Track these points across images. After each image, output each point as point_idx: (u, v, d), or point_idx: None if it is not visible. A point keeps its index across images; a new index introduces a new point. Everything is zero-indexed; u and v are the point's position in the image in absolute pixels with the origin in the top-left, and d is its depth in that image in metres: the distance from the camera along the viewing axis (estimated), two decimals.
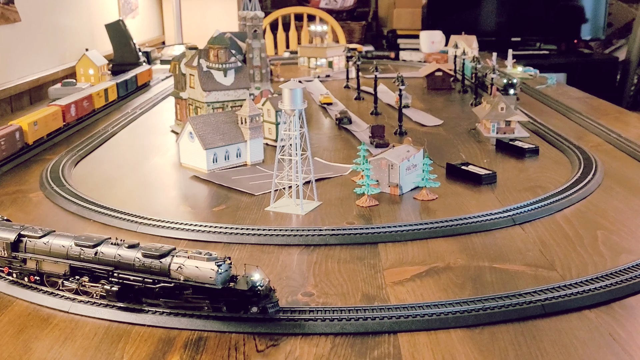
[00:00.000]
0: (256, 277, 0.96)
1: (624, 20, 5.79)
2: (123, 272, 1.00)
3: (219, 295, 0.96)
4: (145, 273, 0.99)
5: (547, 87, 2.94)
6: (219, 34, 2.03)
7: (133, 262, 1.00)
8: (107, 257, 1.01)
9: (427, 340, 0.94)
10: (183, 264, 0.97)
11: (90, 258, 1.02)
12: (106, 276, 1.01)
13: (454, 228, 1.34)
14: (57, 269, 1.05)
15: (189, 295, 0.98)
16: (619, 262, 1.17)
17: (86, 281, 1.03)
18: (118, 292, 1.00)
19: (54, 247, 1.05)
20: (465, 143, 2.01)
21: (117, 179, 1.75)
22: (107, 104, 2.61)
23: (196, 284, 0.96)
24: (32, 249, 1.06)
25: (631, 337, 0.93)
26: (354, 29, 5.49)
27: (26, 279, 1.08)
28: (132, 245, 1.01)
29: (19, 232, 1.07)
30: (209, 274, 0.95)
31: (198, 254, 0.96)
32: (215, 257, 0.96)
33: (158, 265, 0.98)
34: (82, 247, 1.03)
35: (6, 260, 1.09)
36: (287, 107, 1.41)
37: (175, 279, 0.97)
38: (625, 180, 1.63)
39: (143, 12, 4.55)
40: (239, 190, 1.60)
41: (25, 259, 1.07)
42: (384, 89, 2.85)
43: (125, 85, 2.85)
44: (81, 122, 2.33)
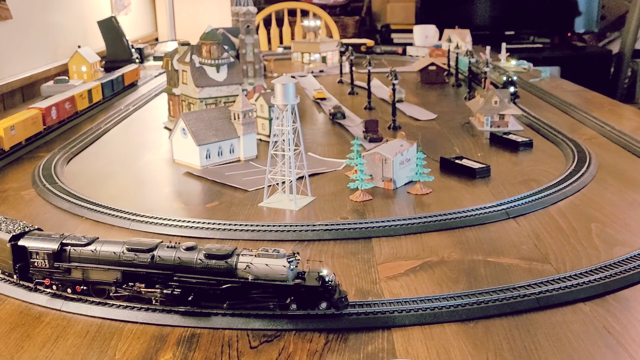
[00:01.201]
0: (325, 272, 0.95)
1: (617, 13, 5.80)
2: (184, 275, 0.97)
3: (289, 292, 0.95)
4: (208, 274, 0.96)
5: (540, 81, 2.94)
6: (211, 29, 2.02)
7: (195, 264, 0.97)
8: (166, 261, 0.98)
9: (421, 335, 0.94)
10: (251, 262, 0.95)
11: (146, 263, 0.98)
12: (164, 280, 0.98)
13: (448, 222, 1.34)
14: (106, 277, 1.00)
15: (256, 295, 0.96)
16: (613, 254, 1.17)
17: (142, 287, 0.99)
18: (180, 295, 0.97)
19: (103, 254, 1.00)
20: (459, 137, 2.01)
21: (110, 176, 1.74)
22: (92, 106, 2.48)
23: (266, 282, 0.94)
24: (78, 257, 1.01)
25: (625, 330, 0.93)
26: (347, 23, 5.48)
27: (69, 290, 1.03)
28: (190, 247, 0.98)
29: (61, 241, 1.02)
30: (280, 271, 0.94)
31: (265, 252, 0.95)
32: (284, 253, 0.95)
33: (223, 265, 0.96)
34: (137, 252, 0.99)
35: (47, 271, 1.02)
36: (279, 102, 1.41)
37: (242, 278, 0.95)
38: (619, 172, 1.63)
39: (136, 9, 4.53)
40: (232, 186, 1.59)
41: (69, 269, 1.02)
42: (378, 83, 2.84)
43: (111, 86, 2.72)
44: (63, 125, 2.21)
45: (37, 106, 2.09)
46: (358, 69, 2.97)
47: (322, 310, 0.96)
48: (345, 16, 5.57)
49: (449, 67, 3.00)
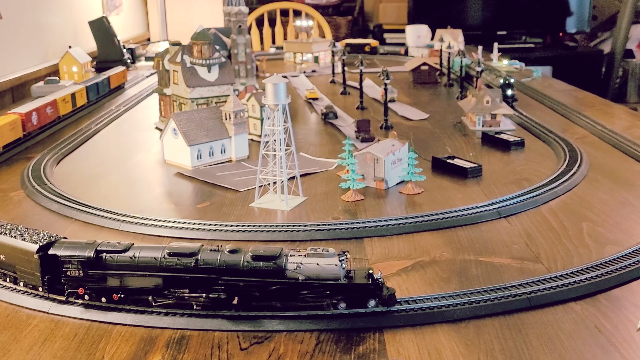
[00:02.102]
0: (372, 270, 0.95)
1: (608, 13, 5.82)
2: (230, 278, 0.96)
3: (340, 291, 0.94)
4: (256, 276, 0.95)
5: (532, 80, 2.94)
6: (202, 29, 2.01)
7: (241, 267, 0.95)
8: (211, 264, 0.96)
9: (412, 336, 0.93)
10: (301, 262, 0.94)
11: (190, 267, 0.96)
12: (208, 285, 0.96)
13: (439, 222, 1.33)
14: (146, 283, 0.98)
15: (306, 295, 0.95)
16: (605, 253, 1.17)
17: (186, 292, 0.97)
18: (226, 299, 0.96)
19: (143, 260, 0.97)
20: (451, 136, 2.01)
21: (100, 176, 1.73)
22: (75, 110, 2.39)
23: (317, 282, 0.94)
24: (115, 264, 0.98)
25: (616, 329, 0.93)
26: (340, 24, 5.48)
27: (104, 299, 0.99)
28: (233, 250, 0.97)
29: (96, 248, 0.98)
30: (333, 270, 0.94)
31: (314, 251, 0.95)
32: (334, 252, 0.95)
33: (272, 266, 0.95)
34: (179, 256, 0.97)
35: (81, 280, 0.99)
36: (270, 102, 1.40)
37: (292, 278, 0.94)
38: (610, 171, 1.63)
39: (127, 9, 4.52)
40: (224, 187, 1.59)
41: (105, 277, 0.98)
42: (370, 83, 2.84)
43: (96, 89, 2.63)
44: (44, 130, 2.12)
45: (16, 111, 1.99)
46: (350, 69, 2.96)
47: (371, 308, 0.96)
48: (337, 16, 5.57)
49: (441, 66, 3.00)
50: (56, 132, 2.17)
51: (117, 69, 2.99)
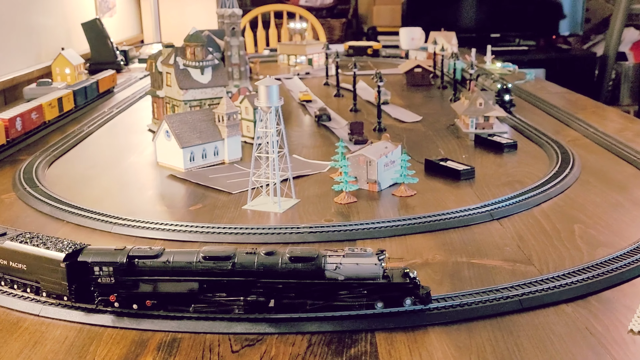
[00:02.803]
0: (408, 269, 0.96)
1: (601, 16, 5.84)
2: (269, 280, 0.95)
3: (378, 291, 0.95)
4: (295, 278, 0.95)
5: (525, 83, 2.95)
6: (195, 31, 2.00)
7: (279, 268, 0.95)
8: (248, 267, 0.95)
9: (404, 338, 0.93)
10: (340, 263, 0.94)
11: (227, 271, 0.95)
12: (246, 288, 0.96)
13: (432, 224, 1.34)
14: (180, 289, 0.96)
15: (345, 295, 0.95)
16: (596, 255, 1.17)
17: (224, 296, 0.97)
18: (265, 302, 0.96)
19: (177, 264, 0.96)
20: (444, 139, 2.01)
21: (93, 179, 1.72)
22: (62, 115, 2.31)
23: (357, 282, 0.94)
24: (149, 270, 0.96)
25: (607, 331, 0.93)
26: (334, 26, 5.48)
27: (135, 306, 0.98)
28: (269, 252, 0.97)
29: (128, 254, 0.97)
30: (372, 270, 0.94)
31: (352, 251, 0.95)
32: (372, 252, 0.95)
33: (311, 267, 0.95)
34: (215, 260, 0.96)
35: (112, 287, 0.97)
36: (263, 104, 1.40)
37: (332, 279, 0.95)
38: (602, 174, 1.64)
39: (121, 11, 4.51)
40: (216, 189, 1.58)
41: (137, 283, 0.97)
42: (364, 85, 2.84)
43: (84, 93, 2.55)
44: (29, 136, 2.06)
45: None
46: (344, 71, 2.96)
47: (408, 306, 0.96)
48: (331, 18, 5.57)
49: (434, 69, 3.01)
50: (41, 138, 2.10)
51: (107, 72, 2.92)
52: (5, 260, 1.04)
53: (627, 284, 1.07)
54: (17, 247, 1.02)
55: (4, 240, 1.04)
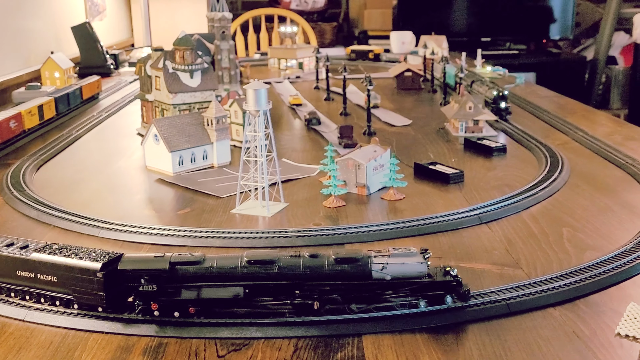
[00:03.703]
0: (449, 267, 0.97)
1: (591, 20, 5.87)
2: (316, 282, 0.95)
3: (424, 289, 0.96)
4: (342, 279, 0.95)
5: (515, 87, 2.96)
6: (184, 35, 2.00)
7: (326, 271, 0.95)
8: (294, 270, 0.95)
9: (391, 342, 0.93)
10: (387, 263, 0.95)
11: (273, 274, 0.95)
12: (291, 291, 0.96)
13: (420, 228, 1.33)
14: (225, 294, 0.95)
15: (390, 295, 0.96)
16: (584, 259, 1.17)
17: (270, 300, 0.96)
18: (312, 304, 0.95)
19: (222, 270, 0.95)
20: (434, 142, 2.01)
21: (81, 183, 1.71)
22: (43, 123, 2.22)
23: (404, 281, 0.95)
24: (192, 276, 0.95)
25: (594, 335, 0.93)
26: (325, 30, 5.49)
27: (177, 313, 0.96)
28: (313, 254, 0.96)
29: (169, 260, 0.95)
30: (419, 269, 0.95)
31: (396, 251, 0.96)
32: (416, 251, 0.96)
33: (358, 268, 0.95)
34: (260, 264, 0.95)
35: (154, 295, 0.95)
36: (251, 108, 1.39)
37: (379, 279, 0.95)
38: (591, 177, 1.64)
39: (111, 14, 4.50)
40: (205, 193, 1.58)
41: (179, 290, 0.95)
42: (354, 89, 2.84)
43: (66, 100, 2.45)
44: (7, 146, 1.98)
45: None
46: (334, 75, 2.96)
47: (449, 304, 0.97)
48: (322, 22, 5.58)
49: (424, 73, 3.01)
50: (19, 148, 2.02)
51: (91, 78, 2.82)
52: (31, 273, 1.00)
53: (615, 287, 1.07)
54: (46, 259, 0.99)
55: (30, 252, 1.00)
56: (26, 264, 1.00)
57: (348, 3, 5.96)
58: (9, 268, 1.02)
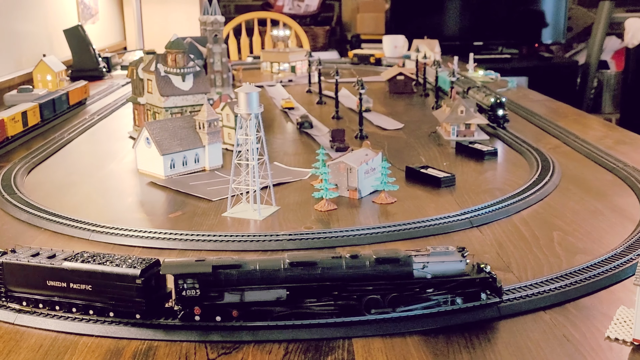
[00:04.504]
0: (483, 264, 0.99)
1: (583, 25, 5.89)
2: (357, 283, 0.96)
3: (462, 286, 0.97)
4: (383, 280, 0.96)
5: (507, 91, 2.97)
6: (176, 38, 2.00)
7: (367, 272, 0.96)
8: (337, 272, 0.95)
9: (381, 345, 0.93)
10: (427, 262, 0.96)
11: (316, 276, 0.95)
12: (336, 292, 0.96)
13: (412, 231, 1.34)
14: (268, 297, 0.95)
15: (430, 294, 0.97)
16: (574, 262, 1.17)
17: (314, 302, 0.96)
18: (355, 305, 0.96)
19: (265, 273, 0.95)
20: (426, 146, 2.01)
21: (72, 186, 1.71)
22: (27, 130, 2.15)
23: (444, 280, 0.96)
24: (235, 279, 0.95)
25: (584, 338, 0.93)
26: (317, 33, 5.49)
27: (218, 317, 0.96)
28: (354, 255, 0.97)
29: (212, 264, 0.95)
30: (459, 267, 0.96)
31: (434, 249, 0.98)
32: (454, 249, 0.98)
33: (400, 268, 0.96)
34: (303, 266, 0.95)
35: (197, 299, 0.95)
36: (243, 112, 1.39)
37: (421, 278, 0.96)
38: (582, 181, 1.65)
39: (103, 18, 4.49)
40: (197, 196, 1.58)
41: (222, 294, 0.95)
42: (346, 93, 2.85)
43: (52, 106, 2.37)
44: None
45: None
46: (327, 78, 2.97)
47: (484, 300, 0.98)
48: (315, 26, 5.58)
49: (417, 77, 3.02)
50: (2, 155, 1.96)
51: (78, 83, 2.74)
52: (63, 283, 0.98)
53: (605, 290, 1.08)
54: (82, 267, 0.97)
55: (60, 262, 0.99)
56: (58, 273, 0.98)
57: (341, 7, 5.97)
58: (38, 278, 0.99)
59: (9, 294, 1.02)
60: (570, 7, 5.64)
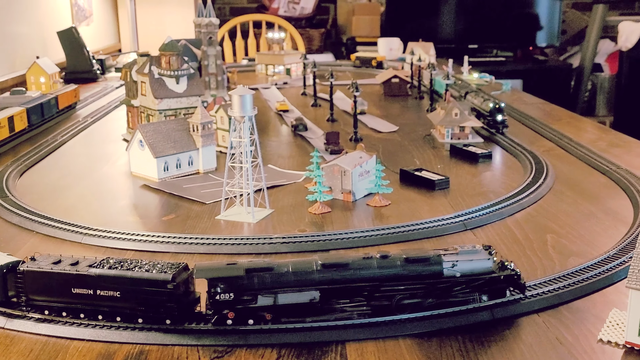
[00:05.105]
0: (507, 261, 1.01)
1: (577, 28, 5.91)
2: (392, 283, 0.97)
3: (489, 284, 0.98)
4: (415, 279, 0.97)
5: (501, 93, 2.97)
6: (170, 40, 1.99)
7: (398, 271, 0.97)
8: (369, 273, 0.96)
9: (374, 349, 0.93)
10: (457, 260, 0.97)
11: (348, 277, 0.96)
12: (368, 292, 0.97)
13: (405, 234, 1.33)
14: (301, 299, 0.95)
15: (459, 292, 0.98)
16: (568, 265, 1.17)
17: (347, 303, 0.97)
18: (387, 305, 0.97)
19: (299, 275, 0.95)
20: (420, 149, 2.01)
21: (65, 189, 1.70)
22: (13, 135, 2.09)
23: (471, 278, 0.97)
24: (269, 282, 0.94)
25: (577, 341, 0.93)
26: (313, 36, 5.49)
27: (251, 321, 0.95)
28: (384, 255, 0.98)
29: (245, 268, 0.94)
30: (487, 265, 0.98)
31: (462, 247, 0.99)
32: (480, 248, 0.99)
33: (430, 267, 0.97)
34: (336, 268, 0.96)
35: (231, 303, 0.94)
36: (236, 114, 1.39)
37: (451, 277, 0.97)
38: (575, 184, 1.65)
39: (98, 19, 4.48)
40: (190, 199, 1.57)
41: (255, 297, 0.95)
42: (341, 95, 2.84)
43: (40, 111, 2.30)
44: None
45: None
46: (322, 81, 2.97)
47: (508, 296, 1.00)
48: (310, 28, 5.58)
49: (412, 79, 3.02)
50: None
51: (68, 87, 2.68)
52: (90, 290, 0.97)
53: (598, 293, 1.07)
54: (110, 274, 0.96)
55: (86, 268, 0.97)
56: (84, 280, 0.96)
57: (336, 9, 5.97)
58: (63, 286, 0.97)
59: (30, 303, 1.00)
60: (564, 10, 5.66)
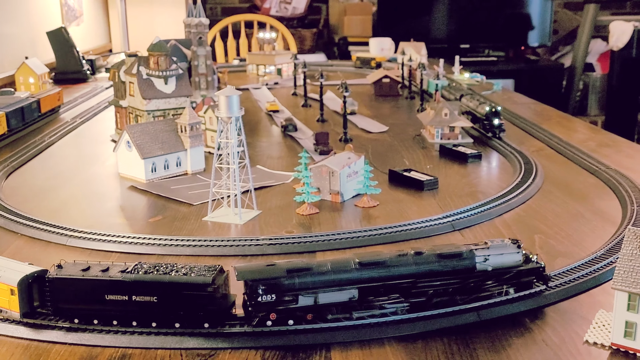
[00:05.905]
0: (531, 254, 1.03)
1: (569, 28, 5.92)
2: (429, 280, 0.97)
3: (518, 277, 1.00)
4: (449, 274, 0.98)
5: (492, 93, 2.97)
6: (158, 40, 1.98)
7: (433, 267, 0.97)
8: (406, 270, 0.97)
9: (359, 352, 0.92)
10: (488, 255, 0.98)
11: (386, 275, 0.96)
12: (405, 289, 0.97)
13: (393, 235, 1.33)
14: (341, 298, 0.95)
15: (489, 285, 1.00)
16: (555, 266, 1.17)
17: (386, 300, 0.97)
18: (425, 301, 0.98)
19: (338, 274, 0.95)
20: (410, 149, 2.01)
21: (52, 190, 1.69)
22: None
23: (501, 271, 0.99)
24: (310, 282, 0.94)
25: (563, 342, 0.93)
26: (305, 36, 5.48)
27: (291, 321, 0.94)
28: (418, 251, 0.99)
29: (286, 269, 0.94)
30: (516, 258, 1.00)
31: (492, 242, 1.00)
32: (508, 241, 1.02)
33: (464, 263, 0.98)
34: (374, 265, 0.96)
35: (273, 304, 0.93)
36: (223, 115, 1.38)
37: (483, 271, 0.99)
38: (564, 184, 1.65)
39: (88, 20, 4.46)
40: (178, 200, 1.56)
41: (296, 297, 0.94)
42: (331, 96, 2.84)
43: (20, 114, 2.21)
44: None
45: None
46: (312, 81, 2.96)
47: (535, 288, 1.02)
48: (302, 29, 5.57)
49: (402, 79, 3.01)
50: None
51: (52, 89, 2.61)
52: (124, 296, 0.94)
53: (584, 294, 1.07)
54: (147, 279, 0.94)
55: (119, 274, 0.95)
56: (119, 286, 0.94)
57: (328, 9, 5.96)
58: (95, 293, 0.95)
59: (58, 311, 0.98)
60: (556, 10, 5.67)
